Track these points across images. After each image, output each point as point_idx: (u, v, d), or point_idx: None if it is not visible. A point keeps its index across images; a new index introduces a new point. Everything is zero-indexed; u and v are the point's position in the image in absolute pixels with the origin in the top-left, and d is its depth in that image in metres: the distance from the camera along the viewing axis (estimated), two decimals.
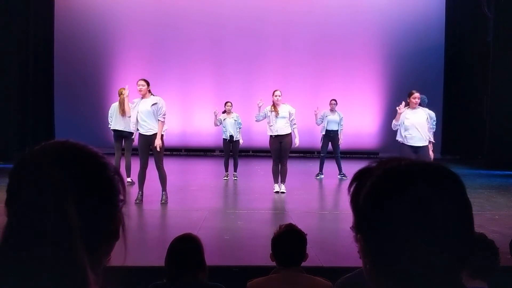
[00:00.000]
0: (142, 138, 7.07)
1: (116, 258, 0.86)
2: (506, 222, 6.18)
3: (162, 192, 7.14)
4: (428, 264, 0.74)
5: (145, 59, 14.11)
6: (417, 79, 13.43)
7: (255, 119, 8.54)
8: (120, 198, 0.81)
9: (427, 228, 0.74)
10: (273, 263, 2.61)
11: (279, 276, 2.50)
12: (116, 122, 8.61)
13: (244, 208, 7.00)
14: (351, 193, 0.83)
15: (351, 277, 2.28)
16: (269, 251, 2.61)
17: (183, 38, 14.33)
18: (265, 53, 14.36)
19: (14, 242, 0.64)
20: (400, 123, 7.36)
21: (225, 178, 9.65)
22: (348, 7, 14.38)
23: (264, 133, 8.56)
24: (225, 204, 7.65)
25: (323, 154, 10.16)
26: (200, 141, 14.36)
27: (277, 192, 8.15)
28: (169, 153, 13.36)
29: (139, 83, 7.06)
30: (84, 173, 0.76)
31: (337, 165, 10.09)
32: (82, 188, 0.74)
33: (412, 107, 7.38)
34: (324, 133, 10.02)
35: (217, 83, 14.34)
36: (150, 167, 7.15)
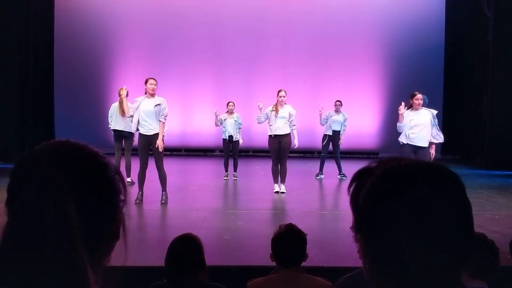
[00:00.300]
0: (142, 138, 7.07)
1: (116, 258, 0.86)
2: (506, 222, 6.18)
3: (162, 192, 7.14)
4: (428, 264, 0.74)
5: (145, 59, 14.12)
6: (417, 79, 13.44)
7: (257, 121, 8.52)
8: (121, 198, 0.81)
9: (427, 228, 0.74)
10: (273, 263, 2.61)
11: (279, 276, 2.50)
12: (116, 122, 8.61)
13: (244, 208, 7.00)
14: (351, 193, 0.83)
15: (351, 277, 2.28)
16: (269, 251, 2.61)
17: (183, 38, 14.33)
18: (265, 53, 14.36)
19: (14, 242, 0.64)
20: (405, 124, 7.31)
21: (225, 178, 9.65)
22: (348, 7, 14.38)
23: (264, 133, 8.56)
24: (225, 204, 7.65)
25: (324, 154, 10.16)
26: (200, 141, 14.36)
27: (277, 192, 8.15)
28: (169, 153, 13.37)
29: (152, 82, 7.06)
30: (85, 173, 0.76)
31: (337, 165, 10.09)
32: (83, 188, 0.74)
33: (416, 108, 7.32)
34: (329, 133, 9.99)
35: (217, 83, 14.34)
36: (150, 167, 7.15)
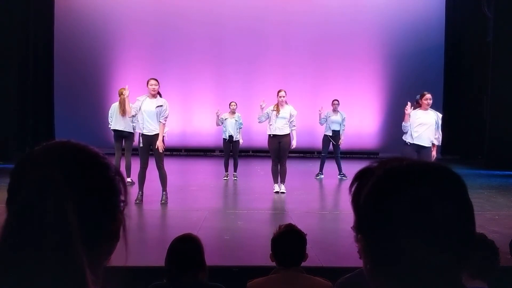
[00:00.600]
0: (144, 138, 7.07)
1: (117, 258, 0.86)
2: (506, 222, 6.18)
3: (162, 192, 7.14)
4: (429, 265, 0.73)
5: (145, 59, 14.11)
6: (417, 79, 13.45)
7: (258, 120, 8.52)
8: (121, 199, 0.81)
9: (428, 229, 0.73)
10: (273, 263, 2.61)
11: (279, 276, 2.50)
12: (116, 122, 8.61)
13: (244, 208, 7.00)
14: (352, 193, 0.83)
15: (351, 277, 2.28)
16: (269, 251, 2.61)
17: (183, 38, 14.32)
18: (265, 53, 14.35)
19: (13, 242, 0.64)
20: (410, 124, 7.29)
21: (225, 178, 9.65)
22: (348, 7, 14.38)
23: (264, 133, 8.56)
24: (225, 204, 7.65)
25: (324, 154, 10.16)
26: (200, 141, 14.36)
27: (277, 192, 8.15)
28: (169, 153, 13.36)
29: (152, 83, 7.04)
30: (85, 173, 0.76)
31: (337, 165, 10.09)
32: (83, 189, 0.74)
33: (424, 108, 7.32)
34: (329, 134, 10.00)
35: (217, 83, 14.34)
36: (150, 167, 7.15)
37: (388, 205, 0.76)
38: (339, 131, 10.02)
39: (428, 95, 7.32)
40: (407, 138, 7.38)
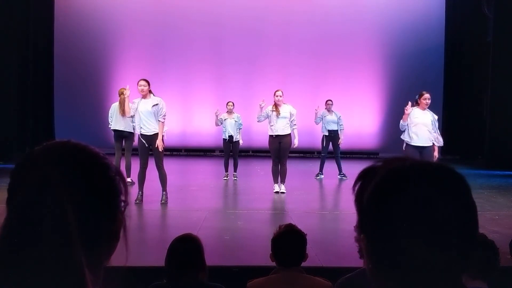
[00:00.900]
0: (143, 138, 7.07)
1: (117, 258, 0.86)
2: (506, 222, 6.18)
3: (162, 192, 7.14)
4: (430, 265, 0.73)
5: (145, 59, 14.11)
6: (417, 79, 13.45)
7: (257, 120, 8.52)
8: (121, 199, 0.81)
9: (430, 229, 0.73)
10: (273, 263, 2.61)
11: (279, 276, 2.50)
12: (116, 122, 8.61)
13: (244, 208, 6.99)
14: (355, 193, 0.83)
15: (351, 277, 2.28)
16: (269, 251, 2.61)
17: (183, 38, 14.32)
18: (265, 53, 14.35)
19: (12, 242, 0.64)
20: (408, 123, 7.34)
21: (225, 178, 9.65)
22: (348, 7, 14.38)
23: (264, 133, 8.56)
24: (225, 204, 7.65)
25: (324, 154, 10.17)
26: (200, 141, 14.36)
27: (277, 192, 8.14)
28: (169, 153, 13.36)
29: (141, 83, 7.04)
30: (85, 174, 0.76)
31: (337, 165, 10.09)
32: (83, 189, 0.74)
33: (422, 108, 7.37)
34: (326, 134, 10.04)
35: (217, 83, 14.34)
36: (150, 167, 7.15)
37: (391, 205, 0.76)
38: (337, 131, 10.03)
39: (427, 95, 7.36)
40: (405, 138, 7.42)
